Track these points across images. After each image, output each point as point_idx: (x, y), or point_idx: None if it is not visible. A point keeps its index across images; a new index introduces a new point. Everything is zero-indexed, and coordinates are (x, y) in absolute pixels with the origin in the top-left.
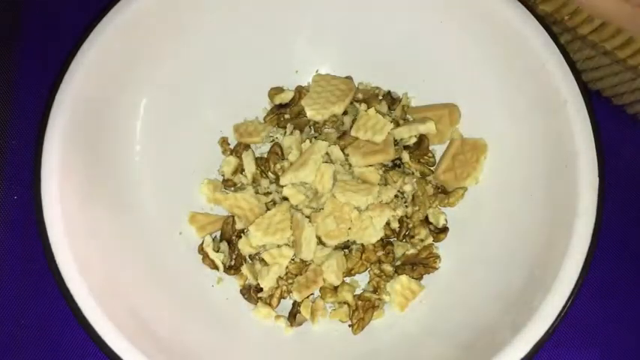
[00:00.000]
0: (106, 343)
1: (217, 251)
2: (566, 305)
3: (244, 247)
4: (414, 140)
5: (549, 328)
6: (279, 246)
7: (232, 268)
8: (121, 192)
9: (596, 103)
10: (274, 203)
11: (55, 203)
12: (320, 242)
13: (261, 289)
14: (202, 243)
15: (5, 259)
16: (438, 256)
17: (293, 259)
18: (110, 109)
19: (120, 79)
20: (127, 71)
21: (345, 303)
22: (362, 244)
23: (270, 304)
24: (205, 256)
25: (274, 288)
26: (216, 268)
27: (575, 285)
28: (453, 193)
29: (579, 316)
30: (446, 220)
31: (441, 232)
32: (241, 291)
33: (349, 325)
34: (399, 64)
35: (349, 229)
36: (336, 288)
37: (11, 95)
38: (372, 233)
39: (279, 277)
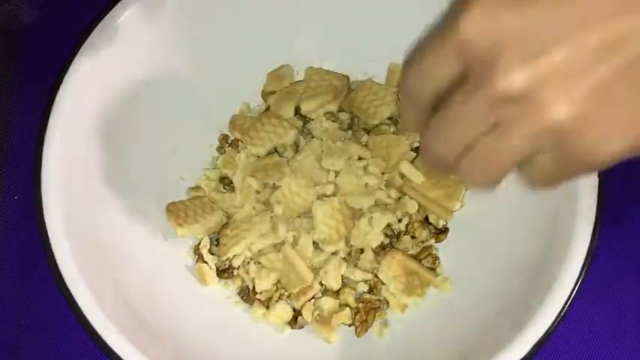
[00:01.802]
0: (106, 342)
1: (213, 254)
2: (567, 305)
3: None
4: (416, 144)
5: (549, 328)
6: (277, 250)
7: (225, 272)
8: (122, 192)
9: None
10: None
11: (55, 203)
12: (317, 247)
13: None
14: (199, 243)
15: (5, 259)
16: (437, 257)
17: None
18: (110, 109)
19: (120, 79)
20: (127, 71)
21: (346, 305)
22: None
23: (267, 306)
24: (200, 258)
25: (273, 291)
26: (204, 262)
27: (575, 285)
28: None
29: (579, 315)
30: (446, 221)
31: (441, 232)
32: (239, 292)
33: (349, 325)
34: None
35: (347, 234)
36: (337, 291)
37: (11, 95)
38: (372, 238)
39: (278, 281)
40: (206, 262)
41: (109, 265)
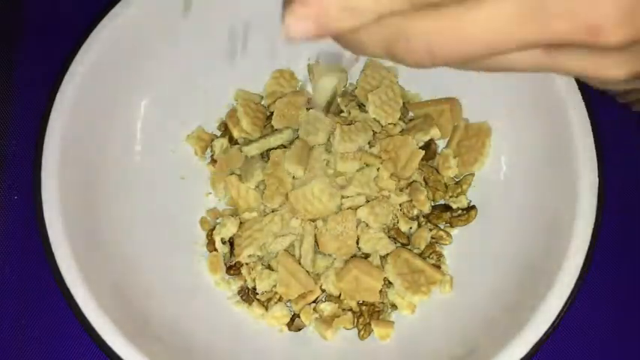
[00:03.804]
0: (105, 342)
1: (223, 244)
2: (566, 306)
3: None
4: (421, 144)
5: (549, 329)
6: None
7: (232, 268)
8: (122, 192)
9: (600, 101)
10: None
11: (55, 203)
12: (319, 252)
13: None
14: (213, 228)
15: (5, 259)
16: (441, 254)
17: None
18: (110, 109)
19: (120, 79)
20: (127, 71)
21: (349, 310)
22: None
23: (265, 307)
24: (211, 243)
25: (273, 292)
26: (215, 249)
27: (575, 285)
28: (463, 181)
29: (579, 316)
30: (470, 200)
31: (470, 209)
32: (239, 291)
33: (351, 326)
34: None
35: (357, 243)
36: (339, 296)
37: (11, 95)
38: (382, 245)
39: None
40: (217, 250)
41: (109, 265)
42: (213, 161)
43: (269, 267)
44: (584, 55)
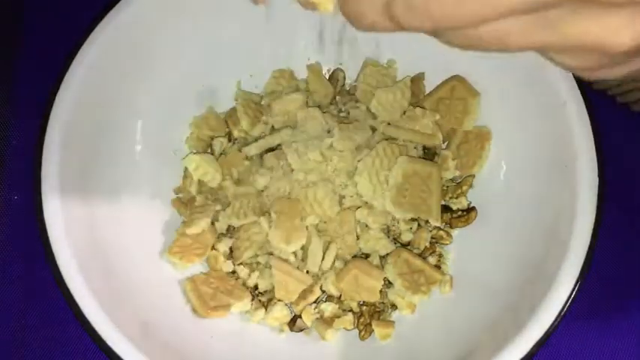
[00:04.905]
0: (105, 342)
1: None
2: (566, 306)
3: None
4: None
5: (548, 329)
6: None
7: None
8: (122, 192)
9: (601, 101)
10: None
11: (55, 203)
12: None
13: (263, 291)
14: None
15: (6, 260)
16: (442, 255)
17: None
18: (110, 109)
19: (120, 79)
20: (127, 71)
21: (349, 310)
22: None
23: (265, 307)
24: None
25: (273, 292)
26: (214, 248)
27: (575, 285)
28: (463, 182)
29: (579, 316)
30: (470, 202)
31: (470, 210)
32: None
33: (351, 327)
34: (399, 62)
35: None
36: (339, 296)
37: (11, 95)
38: (382, 245)
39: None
40: (216, 249)
41: (109, 264)
42: None
43: (269, 266)
44: (584, 12)
